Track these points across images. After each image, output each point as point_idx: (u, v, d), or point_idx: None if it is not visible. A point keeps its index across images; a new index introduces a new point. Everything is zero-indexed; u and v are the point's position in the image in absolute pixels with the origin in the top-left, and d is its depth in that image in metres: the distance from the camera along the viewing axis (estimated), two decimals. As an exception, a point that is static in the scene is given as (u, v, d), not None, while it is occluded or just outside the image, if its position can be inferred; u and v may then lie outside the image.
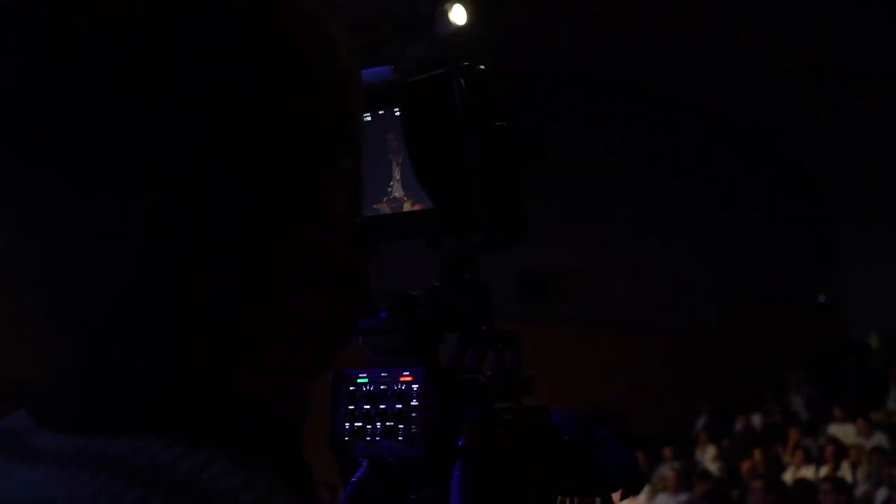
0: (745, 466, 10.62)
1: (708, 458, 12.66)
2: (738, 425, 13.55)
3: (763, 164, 17.51)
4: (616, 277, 15.74)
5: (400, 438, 1.17)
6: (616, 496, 1.37)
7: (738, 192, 16.88)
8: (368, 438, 1.19)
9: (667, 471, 10.60)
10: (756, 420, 13.62)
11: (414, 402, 1.16)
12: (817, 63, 13.97)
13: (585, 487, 1.29)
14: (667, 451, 12.35)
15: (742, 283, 16.51)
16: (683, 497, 9.68)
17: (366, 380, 1.21)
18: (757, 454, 11.52)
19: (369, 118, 1.12)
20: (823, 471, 10.31)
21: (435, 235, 1.16)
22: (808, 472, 10.24)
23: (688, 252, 16.39)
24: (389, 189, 1.15)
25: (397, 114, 1.09)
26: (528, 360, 1.31)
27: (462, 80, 1.01)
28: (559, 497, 1.34)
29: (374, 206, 1.17)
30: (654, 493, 10.36)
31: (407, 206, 1.14)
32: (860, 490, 9.29)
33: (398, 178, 1.14)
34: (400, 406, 1.17)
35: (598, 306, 15.52)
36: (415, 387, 1.17)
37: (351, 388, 1.22)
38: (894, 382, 13.03)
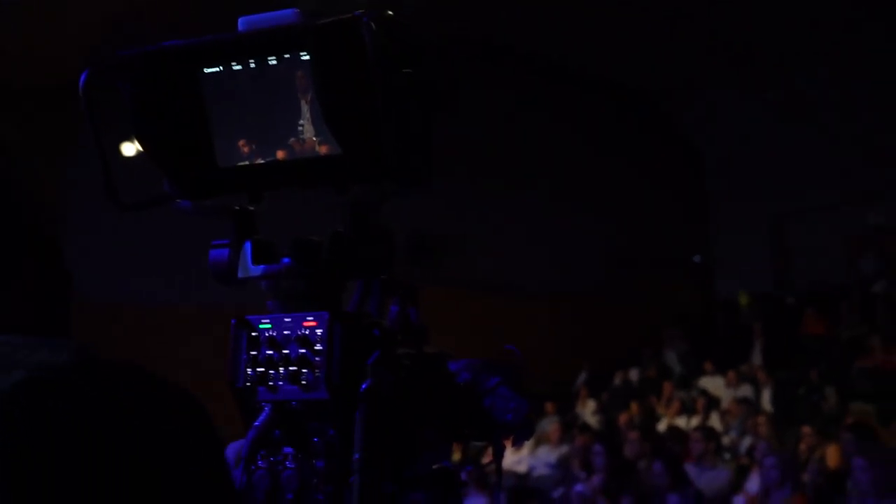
0: (623, 418, 11.05)
1: (588, 411, 13.11)
2: (617, 380, 14.07)
3: (644, 131, 17.98)
4: (499, 239, 15.95)
5: (303, 383, 1.18)
6: (508, 443, 1.41)
7: (619, 157, 17.29)
8: (271, 383, 1.19)
9: (548, 425, 10.90)
10: (633, 375, 14.16)
11: (318, 347, 1.17)
12: (704, 38, 14.45)
13: (479, 433, 1.32)
14: (549, 406, 12.70)
15: (621, 245, 17.02)
16: (564, 449, 10.01)
17: (268, 325, 1.20)
18: (634, 407, 12.02)
19: (275, 62, 1.11)
20: (695, 421, 10.84)
21: (343, 181, 1.16)
22: (680, 422, 10.75)
23: (569, 214, 16.75)
24: (299, 129, 1.14)
25: (305, 58, 1.09)
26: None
27: (373, 25, 1.01)
28: (455, 443, 1.37)
29: (281, 151, 1.16)
30: (536, 446, 10.68)
31: (317, 147, 1.13)
32: (727, 438, 9.83)
33: (308, 116, 1.13)
34: (303, 351, 1.18)
35: (482, 268, 15.72)
36: (318, 331, 1.17)
37: (253, 334, 1.21)
38: (759, 338, 13.76)
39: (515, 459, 10.58)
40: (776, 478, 5.06)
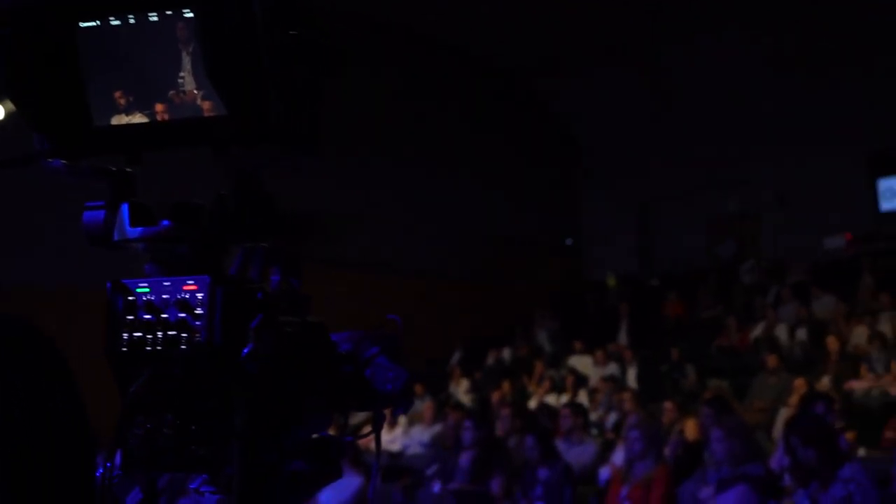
0: (495, 396, 11.26)
1: (461, 390, 13.29)
2: (490, 359, 14.33)
3: (520, 114, 18.31)
4: (373, 218, 15.93)
5: (182, 347, 1.15)
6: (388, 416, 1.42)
7: (497, 138, 17.54)
8: (149, 349, 1.16)
9: (421, 404, 11.00)
10: (505, 354, 14.45)
11: (198, 311, 1.14)
12: (582, 23, 14.76)
13: (359, 403, 1.32)
14: (418, 387, 12.81)
15: (496, 226, 17.30)
16: (437, 428, 10.12)
17: (146, 289, 1.17)
18: (506, 385, 12.27)
19: (156, 18, 1.08)
20: (565, 398, 11.17)
21: (225, 143, 1.14)
22: (551, 400, 11.05)
23: (445, 194, 16.88)
24: (180, 81, 1.11)
25: (188, 15, 1.06)
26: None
27: (260, -16, 0.98)
28: (335, 413, 1.37)
29: (159, 104, 1.12)
30: (409, 426, 10.76)
31: (198, 101, 1.10)
32: (594, 415, 10.18)
33: (189, 69, 1.10)
34: (183, 315, 1.15)
35: (354, 245, 15.65)
36: (199, 295, 1.14)
37: (130, 299, 1.18)
38: (625, 318, 14.27)
39: (389, 438, 10.63)
40: (640, 450, 5.28)
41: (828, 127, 14.74)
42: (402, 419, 11.10)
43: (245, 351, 1.13)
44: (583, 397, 11.23)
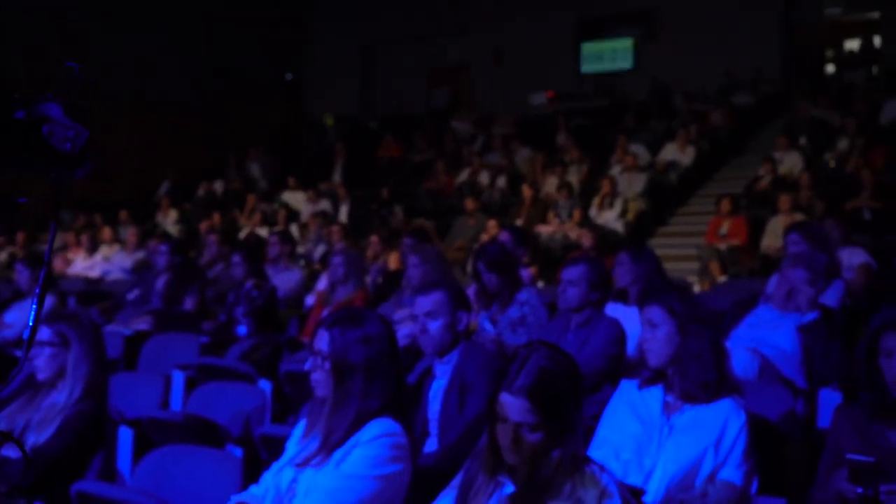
0: (203, 226, 11.09)
1: (169, 221, 12.93)
2: (201, 191, 13.98)
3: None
4: (79, 37, 14.64)
5: None
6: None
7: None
8: None
9: (125, 231, 10.59)
10: (218, 186, 14.16)
11: None
12: None
13: (38, 164, 1.27)
14: (123, 214, 12.31)
15: (215, 57, 16.53)
16: (140, 255, 9.84)
17: None
18: (216, 216, 12.10)
19: None
20: (278, 228, 11.25)
21: None
22: (262, 233, 11.07)
23: (165, 21, 15.81)
24: None
25: None
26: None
27: None
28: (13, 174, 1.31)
29: None
30: (111, 253, 10.37)
31: None
32: (303, 248, 10.39)
33: None
34: None
35: (56, 64, 14.36)
36: None
37: None
38: (341, 157, 14.46)
39: (89, 264, 10.21)
40: (341, 274, 5.51)
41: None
42: (105, 248, 10.66)
43: None
44: (294, 231, 11.39)
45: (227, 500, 2.48)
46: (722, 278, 8.73)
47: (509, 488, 2.04)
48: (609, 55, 16.08)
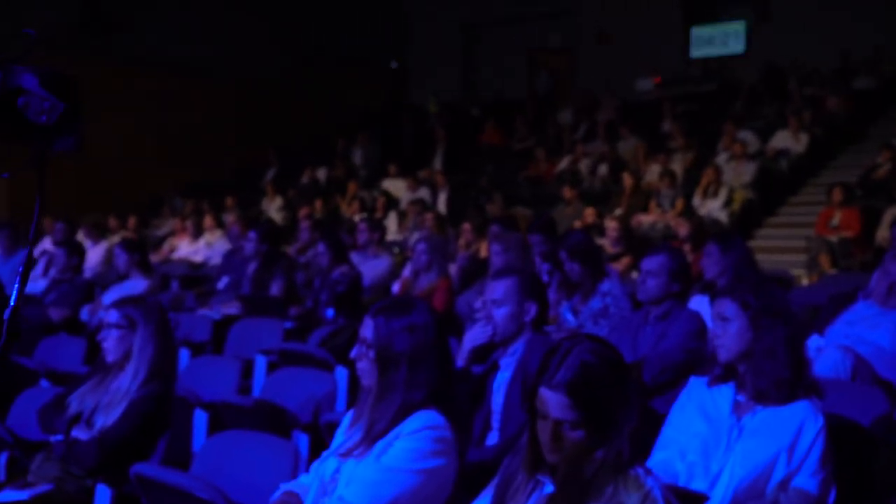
0: (302, 213, 11.25)
1: (274, 207, 13.18)
2: (305, 178, 14.20)
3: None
4: (180, 17, 15.03)
5: None
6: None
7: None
8: None
9: (228, 217, 10.85)
10: (321, 174, 14.35)
11: None
12: None
13: (14, 134, 1.24)
14: (229, 200, 12.61)
15: (317, 40, 16.77)
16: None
17: None
18: (318, 203, 12.26)
19: None
20: (377, 216, 11.31)
21: None
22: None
23: (270, 6, 16.14)
24: None
25: None
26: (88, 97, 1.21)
27: None
28: None
29: None
30: (215, 239, 10.63)
31: None
32: (400, 235, 10.42)
33: None
34: None
35: (159, 46, 14.80)
36: None
37: None
38: (442, 144, 14.43)
39: (192, 250, 10.51)
40: (425, 262, 5.46)
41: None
42: (208, 234, 10.94)
43: None
44: (392, 219, 11.44)
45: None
46: (832, 272, 8.30)
47: (549, 488, 1.93)
48: (720, 38, 15.51)
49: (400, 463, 2.19)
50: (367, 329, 2.33)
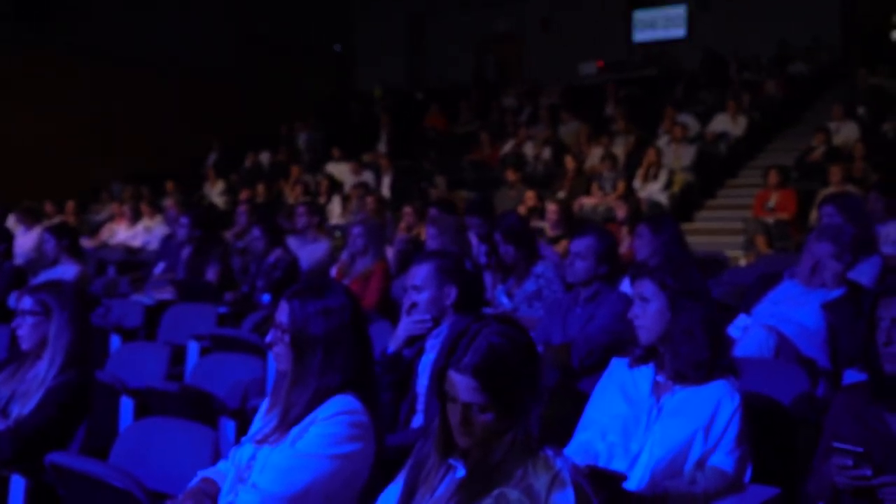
0: (243, 195, 11.12)
1: (216, 192, 13.00)
2: (247, 162, 14.03)
3: None
4: (125, 4, 14.74)
5: None
6: None
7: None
8: None
9: (166, 202, 10.68)
10: (264, 158, 14.18)
11: None
12: None
13: None
14: (169, 185, 12.41)
15: (263, 28, 16.55)
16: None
17: None
18: (260, 188, 12.12)
19: None
20: (320, 200, 11.23)
21: None
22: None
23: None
24: None
25: None
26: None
27: None
28: None
29: None
30: (153, 224, 10.45)
31: None
32: (343, 219, 10.34)
33: None
34: None
35: (110, 37, 14.53)
36: None
37: None
38: (385, 129, 14.36)
39: (131, 234, 10.33)
40: (361, 245, 5.41)
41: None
42: (147, 219, 10.73)
43: None
44: (336, 203, 11.35)
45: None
46: (769, 252, 8.43)
47: (461, 472, 1.91)
48: (662, 23, 15.65)
49: (314, 448, 2.16)
50: (283, 313, 2.29)
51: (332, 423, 2.18)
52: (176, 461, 2.76)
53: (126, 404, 3.85)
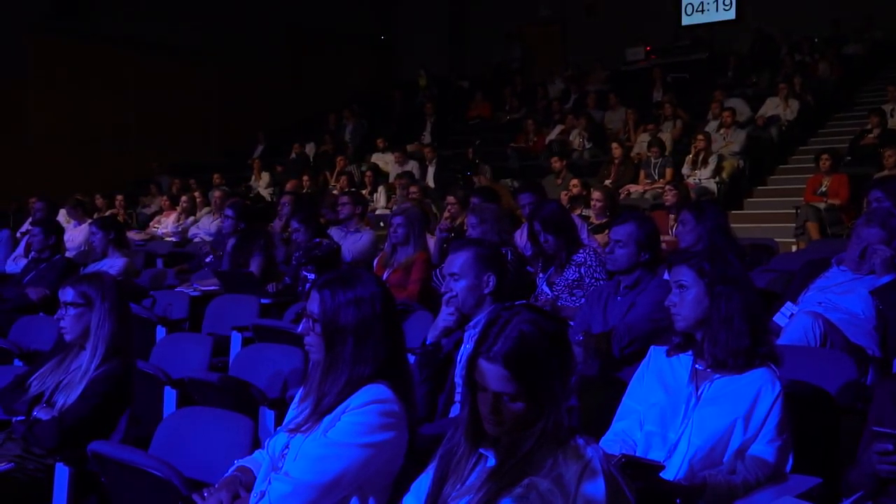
0: (288, 185, 11.20)
1: (262, 184, 13.12)
2: (293, 154, 14.12)
3: None
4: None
5: None
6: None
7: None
8: None
9: (215, 194, 10.78)
10: (310, 149, 14.26)
11: None
12: None
13: None
14: (216, 177, 12.55)
15: (306, 18, 16.61)
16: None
17: None
18: (305, 178, 12.19)
19: None
20: (364, 192, 11.25)
21: None
22: (345, 194, 11.05)
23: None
24: None
25: None
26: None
27: None
28: None
29: None
30: (201, 215, 10.58)
31: None
32: (388, 210, 10.36)
33: None
34: None
35: (150, 26, 14.69)
36: None
37: None
38: (429, 118, 14.33)
39: (179, 226, 10.46)
40: (401, 235, 5.41)
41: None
42: (195, 211, 10.87)
43: None
44: (381, 194, 11.38)
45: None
46: (820, 240, 8.24)
47: (492, 461, 1.89)
48: (710, 6, 15.35)
49: (346, 437, 2.16)
50: (314, 303, 2.29)
51: (363, 412, 2.17)
52: (214, 450, 2.79)
53: (169, 394, 3.90)
